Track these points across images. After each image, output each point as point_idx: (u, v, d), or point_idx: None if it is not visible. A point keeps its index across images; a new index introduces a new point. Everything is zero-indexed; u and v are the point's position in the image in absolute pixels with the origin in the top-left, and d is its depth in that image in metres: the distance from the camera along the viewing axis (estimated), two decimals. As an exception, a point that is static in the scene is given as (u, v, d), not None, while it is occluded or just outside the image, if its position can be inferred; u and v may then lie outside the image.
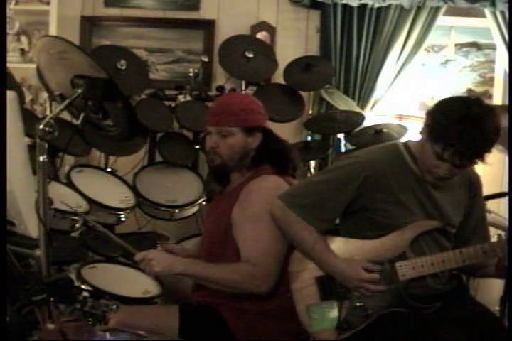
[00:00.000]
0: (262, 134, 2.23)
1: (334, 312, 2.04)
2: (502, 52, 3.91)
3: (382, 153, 2.13)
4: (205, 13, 4.18)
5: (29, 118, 3.06)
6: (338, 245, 2.10)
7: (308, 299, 2.08)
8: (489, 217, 2.41)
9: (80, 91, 1.96)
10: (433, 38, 4.01)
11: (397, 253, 2.04)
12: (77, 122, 2.37)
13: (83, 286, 2.53)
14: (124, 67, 3.54)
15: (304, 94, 3.92)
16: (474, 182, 2.18)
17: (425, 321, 1.98)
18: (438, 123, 1.94)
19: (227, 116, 2.17)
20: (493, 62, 4.08)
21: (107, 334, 1.91)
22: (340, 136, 3.92)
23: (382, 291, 2.02)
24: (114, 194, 3.33)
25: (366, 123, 3.76)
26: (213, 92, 4.00)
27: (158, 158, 3.72)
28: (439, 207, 2.08)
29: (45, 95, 4.04)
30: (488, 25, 3.89)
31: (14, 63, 4.04)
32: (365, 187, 2.04)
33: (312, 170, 3.95)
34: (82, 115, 2.09)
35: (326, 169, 2.17)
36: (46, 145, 1.84)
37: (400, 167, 2.08)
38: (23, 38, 4.19)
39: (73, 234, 2.99)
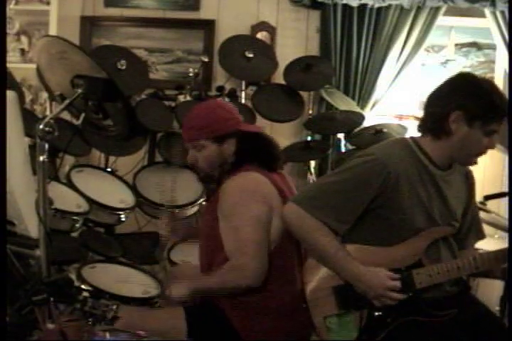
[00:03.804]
0: (237, 138, 2.24)
1: (352, 323, 1.99)
2: (502, 52, 3.92)
3: (395, 148, 2.08)
4: (205, 13, 4.18)
5: (29, 118, 3.05)
6: (351, 253, 2.01)
7: (326, 309, 2.03)
8: (489, 217, 2.41)
9: (80, 91, 1.96)
10: (433, 38, 4.01)
11: (413, 261, 2.00)
12: (77, 122, 2.38)
13: (83, 286, 2.52)
14: (124, 67, 3.54)
15: (304, 94, 3.92)
16: (469, 179, 2.19)
17: (442, 329, 1.96)
18: (474, 108, 1.95)
19: (194, 131, 2.23)
20: (493, 62, 4.08)
21: (107, 334, 1.91)
22: (340, 136, 3.92)
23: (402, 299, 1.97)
24: (114, 194, 3.33)
25: (366, 123, 3.76)
26: (213, 92, 4.00)
27: (158, 158, 3.72)
28: (447, 201, 2.06)
29: (45, 95, 4.04)
30: (488, 25, 3.89)
31: (14, 63, 4.04)
32: (386, 184, 1.97)
33: (312, 170, 3.95)
34: (82, 115, 2.09)
35: (340, 169, 2.07)
36: (46, 146, 1.84)
37: (414, 162, 2.04)
38: (23, 38, 4.20)
39: (73, 234, 2.98)
